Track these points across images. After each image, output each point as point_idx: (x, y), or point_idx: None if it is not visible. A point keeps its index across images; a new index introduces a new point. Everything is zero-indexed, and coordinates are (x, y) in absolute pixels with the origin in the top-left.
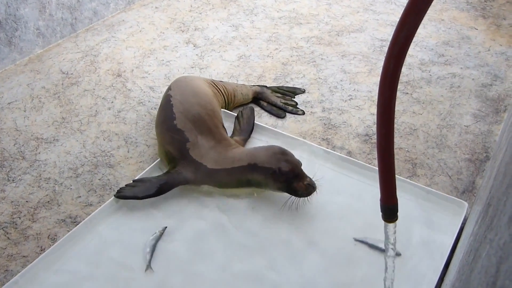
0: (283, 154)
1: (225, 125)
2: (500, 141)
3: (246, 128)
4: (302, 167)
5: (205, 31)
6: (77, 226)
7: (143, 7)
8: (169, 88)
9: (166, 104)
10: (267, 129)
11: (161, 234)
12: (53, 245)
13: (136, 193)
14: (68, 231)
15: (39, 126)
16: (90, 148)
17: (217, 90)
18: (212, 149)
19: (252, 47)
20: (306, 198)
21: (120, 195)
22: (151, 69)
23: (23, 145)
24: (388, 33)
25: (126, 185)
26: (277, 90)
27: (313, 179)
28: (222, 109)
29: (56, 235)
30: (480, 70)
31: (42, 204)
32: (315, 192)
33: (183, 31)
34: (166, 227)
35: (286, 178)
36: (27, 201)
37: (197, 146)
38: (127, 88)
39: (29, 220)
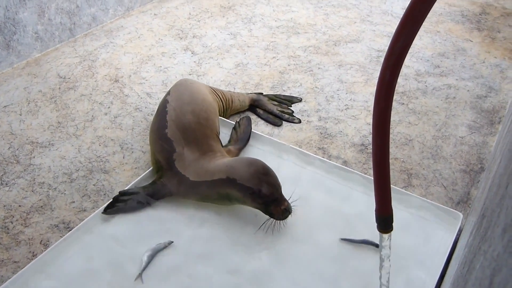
0: (266, 175)
1: (223, 132)
2: (495, 152)
3: (242, 137)
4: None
5: (203, 39)
6: (70, 231)
7: (142, 13)
8: (168, 92)
9: (162, 110)
10: (264, 137)
11: (165, 247)
12: (45, 250)
13: (123, 208)
14: (61, 236)
15: (35, 130)
16: (86, 153)
17: (216, 95)
18: (195, 161)
19: (249, 55)
20: (281, 221)
21: (108, 211)
22: (149, 75)
23: (17, 149)
24: (384, 43)
25: (113, 198)
26: (274, 98)
27: (290, 201)
28: (219, 117)
29: (48, 241)
30: (475, 81)
31: (35, 209)
32: (290, 216)
33: (181, 38)
34: (172, 241)
35: (265, 201)
36: (20, 206)
37: (182, 157)
38: (124, 94)
39: (22, 225)
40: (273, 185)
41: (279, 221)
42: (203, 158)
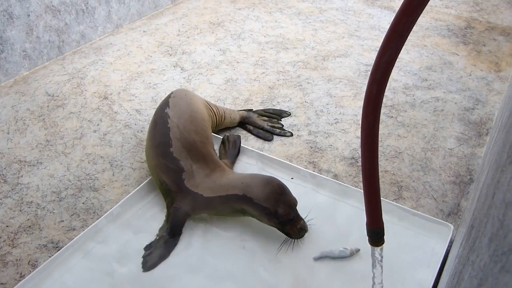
0: (282, 195)
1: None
2: (483, 163)
3: (232, 152)
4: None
5: (192, 55)
6: (59, 251)
7: (131, 30)
8: (167, 105)
9: (163, 124)
10: (254, 152)
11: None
12: (33, 271)
13: (160, 256)
14: (50, 256)
15: (23, 148)
16: (75, 171)
17: (211, 111)
18: (207, 177)
19: (239, 71)
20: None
21: (148, 266)
22: (138, 92)
23: (5, 168)
24: (372, 58)
25: (143, 256)
26: (263, 113)
27: (306, 219)
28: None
29: (37, 261)
30: (462, 94)
31: (23, 229)
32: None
33: (170, 55)
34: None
35: (281, 221)
36: (7, 226)
37: (192, 175)
38: (113, 111)
39: (9, 245)
40: (289, 205)
41: (296, 240)
42: (213, 174)
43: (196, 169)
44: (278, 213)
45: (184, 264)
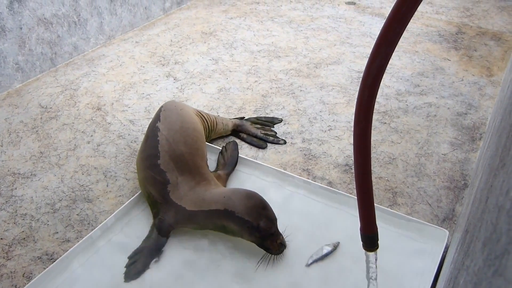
0: (264, 209)
1: (209, 158)
2: (477, 168)
3: (230, 162)
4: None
5: (185, 65)
6: (54, 263)
7: (123, 41)
8: (158, 118)
9: (153, 137)
10: (249, 161)
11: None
12: (28, 283)
13: (143, 265)
14: (44, 268)
15: (16, 161)
16: (68, 183)
17: (202, 119)
18: (191, 190)
19: (232, 80)
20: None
21: (130, 276)
22: (131, 102)
23: None
24: (364, 65)
25: (126, 265)
26: (256, 121)
27: (284, 235)
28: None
29: (31, 273)
30: (454, 99)
31: (17, 241)
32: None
33: (163, 65)
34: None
35: (262, 235)
36: (1, 238)
37: (177, 188)
38: (106, 122)
39: (3, 258)
40: (271, 220)
41: (275, 255)
42: (198, 187)
43: (181, 181)
44: (260, 227)
45: (166, 276)
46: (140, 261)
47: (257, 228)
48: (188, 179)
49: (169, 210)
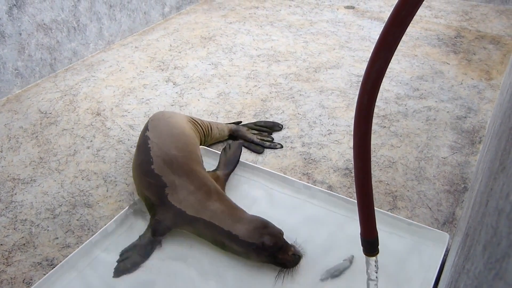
0: (265, 228)
1: (207, 162)
2: (477, 171)
3: (231, 160)
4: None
5: (184, 70)
6: (54, 269)
7: (122, 46)
8: (146, 128)
9: (143, 146)
10: (248, 165)
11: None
12: None
13: (132, 263)
14: (44, 274)
15: (16, 166)
16: (68, 188)
17: (195, 124)
18: (191, 194)
19: (231, 84)
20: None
21: (119, 272)
22: (131, 107)
23: None
24: (364, 69)
25: (117, 261)
26: (253, 127)
27: (296, 244)
28: (202, 146)
29: (31, 279)
30: (454, 103)
31: (17, 247)
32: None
33: (162, 70)
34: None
35: (270, 252)
36: (1, 244)
37: (176, 191)
38: (106, 127)
39: (3, 264)
40: (274, 235)
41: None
42: (199, 193)
43: (180, 184)
44: (265, 244)
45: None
46: (131, 258)
47: (263, 247)
48: (186, 183)
49: (168, 212)
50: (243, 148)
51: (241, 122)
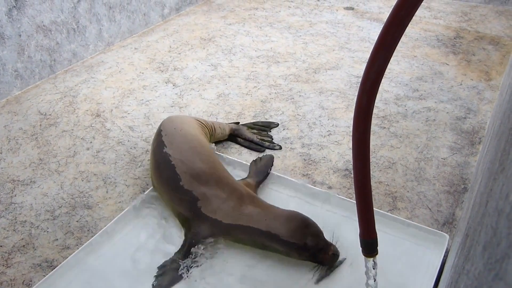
0: (307, 227)
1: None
2: (477, 172)
3: (261, 171)
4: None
5: (184, 71)
6: (53, 270)
7: (122, 48)
8: (164, 145)
9: (167, 164)
10: (247, 166)
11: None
12: None
13: (170, 281)
14: (44, 275)
15: (16, 168)
16: (68, 189)
17: (203, 126)
18: (224, 203)
19: (231, 86)
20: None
21: (161, 287)
22: (131, 108)
23: None
24: (363, 69)
25: (155, 275)
26: (252, 126)
27: (334, 242)
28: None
29: (31, 281)
30: (453, 103)
31: (17, 249)
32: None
33: (162, 71)
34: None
35: (312, 253)
36: (1, 246)
37: (208, 202)
38: (106, 128)
39: (3, 265)
40: (316, 235)
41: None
42: (231, 200)
43: (211, 195)
44: (307, 246)
45: None
46: (169, 274)
47: (305, 247)
48: (219, 192)
49: (203, 224)
50: (245, 149)
51: (239, 122)
